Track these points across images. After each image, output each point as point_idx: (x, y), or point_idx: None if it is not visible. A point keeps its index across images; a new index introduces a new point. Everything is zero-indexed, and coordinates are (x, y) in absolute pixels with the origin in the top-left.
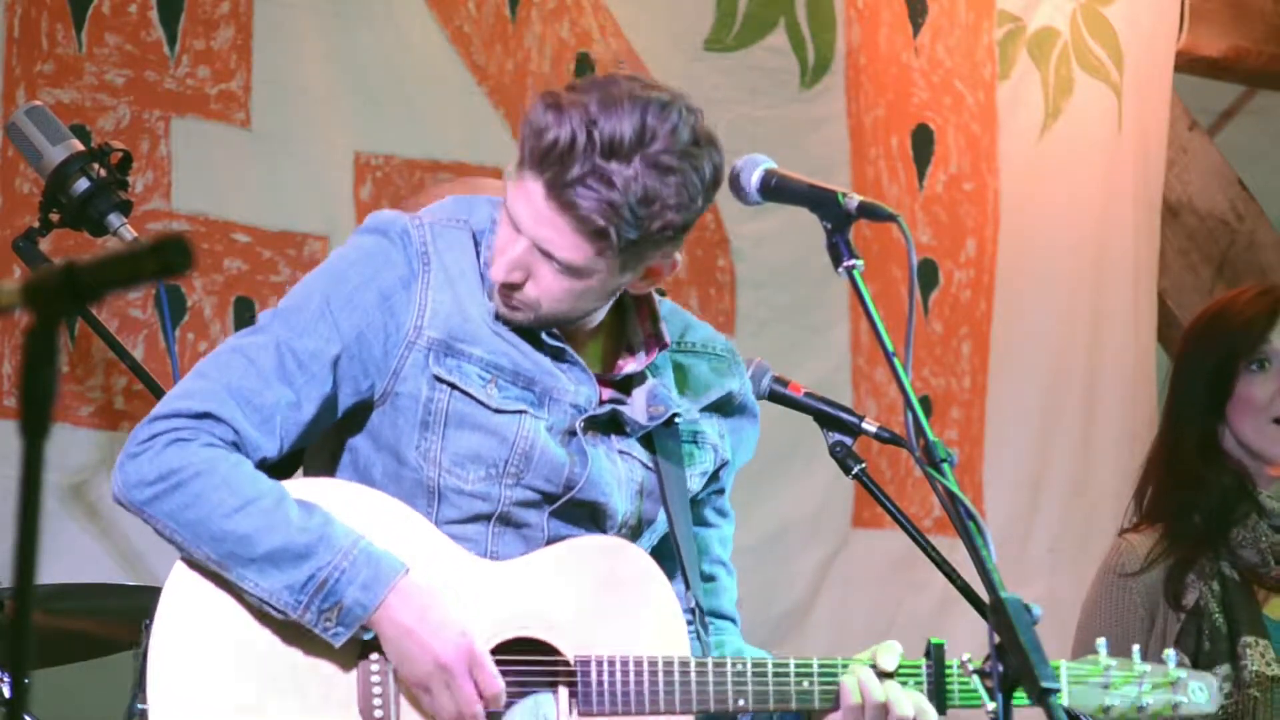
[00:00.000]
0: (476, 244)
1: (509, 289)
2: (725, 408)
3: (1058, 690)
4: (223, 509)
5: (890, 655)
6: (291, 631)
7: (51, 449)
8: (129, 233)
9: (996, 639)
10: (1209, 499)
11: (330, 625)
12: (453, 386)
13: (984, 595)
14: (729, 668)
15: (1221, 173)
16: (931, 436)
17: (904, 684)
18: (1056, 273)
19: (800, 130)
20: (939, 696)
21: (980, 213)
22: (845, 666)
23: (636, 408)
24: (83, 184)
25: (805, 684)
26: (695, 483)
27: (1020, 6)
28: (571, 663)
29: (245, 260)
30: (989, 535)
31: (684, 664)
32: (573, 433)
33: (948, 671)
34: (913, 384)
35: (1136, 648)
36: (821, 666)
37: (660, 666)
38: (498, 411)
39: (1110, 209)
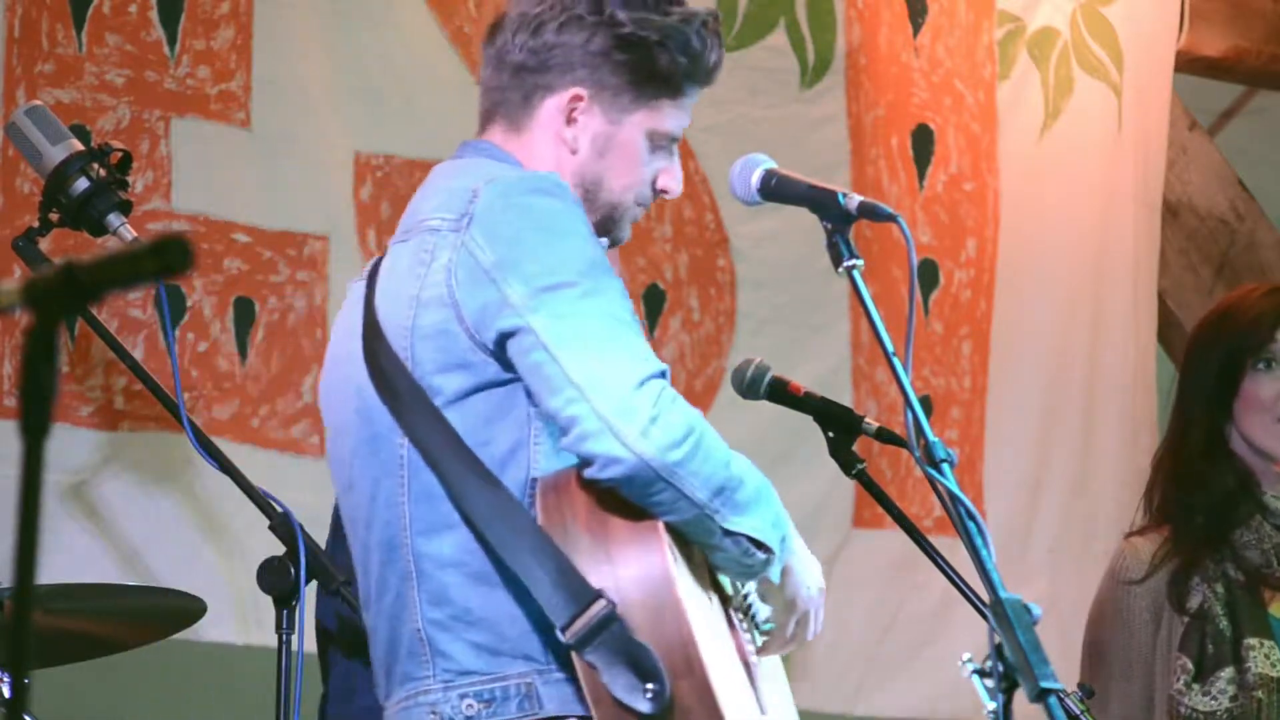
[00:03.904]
0: None
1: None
2: None
3: (1058, 690)
4: (722, 457)
5: None
6: (701, 590)
7: (51, 449)
8: (129, 233)
9: (996, 639)
10: (1211, 500)
11: (776, 560)
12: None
13: (984, 595)
14: None
15: (1221, 173)
16: (931, 436)
17: None
18: (1056, 273)
19: (800, 130)
20: None
21: (980, 213)
22: None
23: None
24: (82, 184)
25: None
26: None
27: (1020, 6)
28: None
29: (245, 260)
30: (989, 535)
31: None
32: None
33: None
34: (913, 384)
35: None
36: None
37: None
38: None
39: (1110, 209)
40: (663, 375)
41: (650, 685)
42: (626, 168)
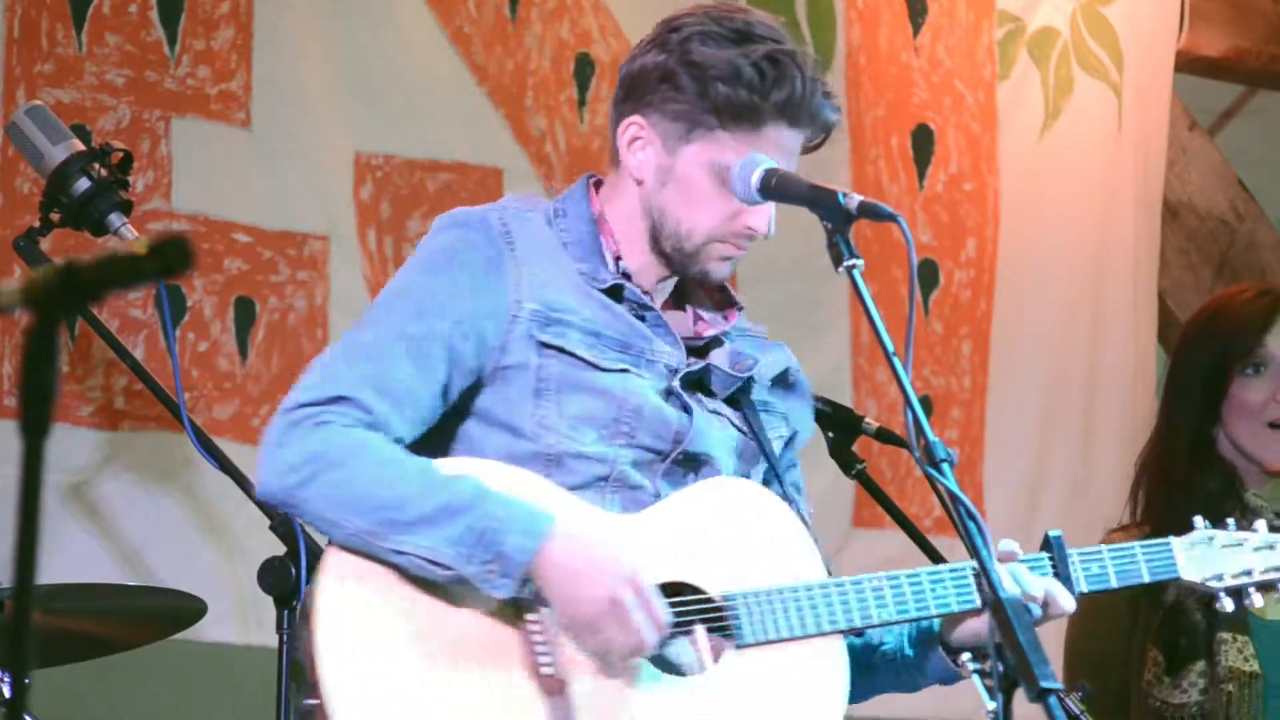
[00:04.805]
0: (549, 224)
1: (748, 238)
2: (784, 383)
3: (1057, 690)
4: (375, 479)
5: (1014, 548)
6: (447, 601)
7: (51, 449)
8: (130, 233)
9: (996, 639)
10: (1197, 504)
11: (494, 576)
12: (560, 350)
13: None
14: (867, 584)
15: (1221, 173)
16: (931, 436)
17: None
18: (1056, 273)
19: None
20: (1066, 585)
21: (980, 213)
22: (974, 569)
23: (724, 365)
24: (83, 184)
25: (939, 590)
26: (776, 447)
27: (1020, 6)
28: (718, 600)
29: (245, 260)
30: (989, 535)
31: (824, 586)
32: (669, 391)
33: (1070, 560)
34: (913, 384)
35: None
36: (952, 571)
37: (802, 592)
38: (604, 371)
39: (1110, 209)
40: (333, 401)
41: (309, 700)
42: (688, 201)
